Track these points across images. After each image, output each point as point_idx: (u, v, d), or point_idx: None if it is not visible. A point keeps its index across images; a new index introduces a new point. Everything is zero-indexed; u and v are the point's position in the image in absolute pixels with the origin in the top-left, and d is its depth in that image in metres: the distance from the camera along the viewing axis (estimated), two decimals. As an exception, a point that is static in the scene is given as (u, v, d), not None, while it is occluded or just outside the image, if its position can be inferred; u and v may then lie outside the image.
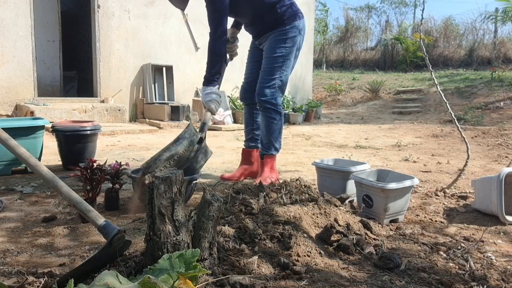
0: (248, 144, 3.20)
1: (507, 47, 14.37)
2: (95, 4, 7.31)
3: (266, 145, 2.99)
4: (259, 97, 2.90)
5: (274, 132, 2.95)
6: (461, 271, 1.59)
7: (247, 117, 3.20)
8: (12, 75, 6.59)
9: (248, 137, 3.20)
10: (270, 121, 2.93)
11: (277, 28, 2.88)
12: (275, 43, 2.88)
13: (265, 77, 2.90)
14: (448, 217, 2.36)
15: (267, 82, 2.88)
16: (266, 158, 2.98)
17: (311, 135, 6.62)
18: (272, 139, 2.96)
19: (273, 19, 2.87)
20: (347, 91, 13.12)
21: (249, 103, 3.12)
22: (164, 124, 7.01)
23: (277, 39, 2.88)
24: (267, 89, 2.87)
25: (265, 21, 2.89)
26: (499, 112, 9.10)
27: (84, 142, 3.37)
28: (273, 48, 2.89)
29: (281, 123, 2.97)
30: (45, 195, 2.62)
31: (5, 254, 1.69)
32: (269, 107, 2.90)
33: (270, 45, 2.91)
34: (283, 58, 2.88)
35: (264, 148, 3.01)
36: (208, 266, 1.40)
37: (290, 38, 2.89)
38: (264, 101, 2.89)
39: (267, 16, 2.87)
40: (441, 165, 4.08)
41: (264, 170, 2.96)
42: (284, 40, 2.88)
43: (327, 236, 1.71)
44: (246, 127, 3.22)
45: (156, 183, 1.33)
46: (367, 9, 18.67)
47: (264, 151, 3.00)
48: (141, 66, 7.89)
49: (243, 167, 3.15)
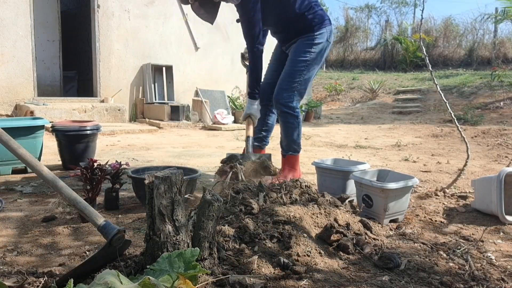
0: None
1: (507, 47, 14.37)
2: (95, 4, 7.31)
3: (286, 147, 2.99)
4: (277, 99, 2.86)
5: (292, 135, 2.93)
6: (461, 271, 1.59)
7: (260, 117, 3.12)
8: (12, 75, 6.58)
9: (255, 136, 3.15)
10: (287, 125, 2.90)
11: (306, 34, 2.84)
12: (302, 47, 2.83)
13: (285, 79, 2.86)
14: (448, 217, 2.36)
15: (286, 85, 2.83)
16: (288, 157, 2.99)
17: (311, 135, 6.62)
18: (290, 142, 2.95)
19: (302, 26, 2.83)
20: (347, 91, 13.12)
21: (266, 103, 3.07)
22: (164, 124, 7.01)
23: (304, 43, 2.83)
24: (285, 92, 2.83)
25: (294, 28, 2.86)
26: (499, 112, 9.10)
27: (84, 142, 3.37)
28: (298, 52, 2.84)
29: (298, 126, 2.94)
30: (45, 195, 2.62)
31: (5, 254, 1.69)
32: (286, 111, 2.85)
33: (296, 49, 2.87)
34: (306, 63, 2.83)
35: (284, 150, 3.01)
36: (208, 266, 1.40)
37: (317, 44, 2.84)
38: (281, 104, 2.84)
39: (297, 24, 2.83)
40: (441, 165, 4.08)
41: (285, 169, 2.96)
42: (311, 45, 2.83)
43: (327, 236, 1.71)
44: (257, 127, 3.15)
45: (156, 183, 1.33)
46: (367, 9, 18.67)
47: (285, 152, 3.01)
48: (141, 66, 7.89)
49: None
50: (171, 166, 2.20)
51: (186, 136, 6.10)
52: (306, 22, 2.81)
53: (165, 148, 4.87)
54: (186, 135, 6.17)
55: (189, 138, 5.87)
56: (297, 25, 2.84)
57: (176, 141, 5.52)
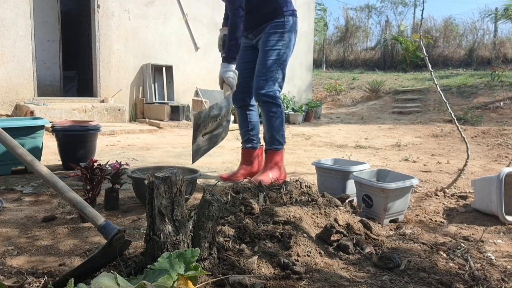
0: (245, 146, 3.17)
1: (507, 47, 14.37)
2: (95, 4, 7.31)
3: (269, 139, 2.95)
4: (257, 91, 2.84)
5: (275, 126, 2.89)
6: (461, 271, 1.59)
7: (241, 119, 3.15)
8: (12, 75, 6.59)
9: (244, 139, 3.16)
10: (270, 115, 2.87)
11: (275, 19, 2.82)
12: (273, 35, 2.83)
13: (261, 71, 2.84)
14: (448, 217, 2.36)
15: (264, 76, 2.81)
16: (270, 152, 2.94)
17: (311, 135, 6.62)
18: (274, 133, 2.91)
19: (272, 9, 2.82)
20: (347, 91, 13.12)
21: (241, 105, 3.07)
22: (164, 124, 7.01)
23: (275, 32, 2.82)
24: (265, 83, 2.82)
25: (264, 10, 2.83)
26: (499, 112, 9.10)
27: (84, 142, 3.37)
28: (270, 41, 2.83)
29: (282, 116, 2.91)
30: (45, 195, 2.62)
31: (4, 254, 1.69)
32: (268, 100, 2.84)
33: (267, 38, 2.85)
34: (280, 51, 2.83)
35: (267, 143, 2.96)
36: (208, 266, 1.40)
37: (287, 31, 2.84)
38: (262, 95, 2.83)
39: (266, 7, 2.82)
40: (441, 165, 4.08)
41: (266, 166, 2.93)
42: (282, 33, 2.83)
43: (327, 236, 1.71)
44: (241, 129, 3.17)
45: (156, 183, 1.33)
46: (367, 9, 18.67)
47: (267, 146, 2.96)
48: (141, 66, 7.89)
49: (243, 167, 3.14)
50: (171, 166, 2.20)
51: (186, 136, 6.10)
52: (276, 5, 2.80)
53: (165, 148, 4.87)
54: (186, 135, 6.17)
55: (189, 138, 5.86)
56: (266, 8, 2.82)
57: (176, 141, 5.52)
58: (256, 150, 3.13)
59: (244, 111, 3.10)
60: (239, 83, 2.91)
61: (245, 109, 3.09)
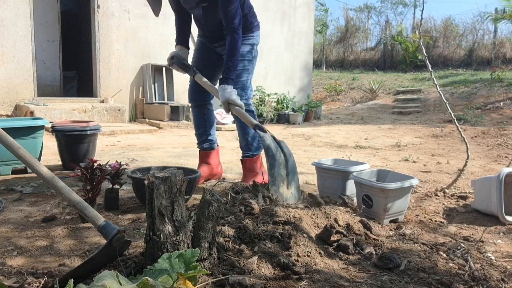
0: (202, 146, 3.06)
1: (506, 47, 14.37)
2: (95, 4, 7.31)
3: (245, 147, 2.90)
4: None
5: (249, 132, 2.85)
6: (461, 271, 1.59)
7: (198, 119, 3.05)
8: (12, 75, 6.58)
9: (201, 139, 3.06)
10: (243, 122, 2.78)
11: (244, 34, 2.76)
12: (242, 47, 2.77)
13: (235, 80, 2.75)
14: (448, 217, 2.36)
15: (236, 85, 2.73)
16: (246, 161, 2.90)
17: (311, 135, 6.62)
18: (249, 139, 2.87)
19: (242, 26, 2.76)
20: (347, 91, 13.12)
21: (199, 104, 3.00)
22: (164, 124, 7.01)
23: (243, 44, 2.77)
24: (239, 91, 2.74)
25: None
26: (499, 112, 9.10)
27: (84, 142, 3.37)
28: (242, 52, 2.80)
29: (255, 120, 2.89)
30: (45, 195, 2.62)
31: (4, 254, 1.69)
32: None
33: None
34: (249, 61, 2.85)
35: (244, 151, 2.92)
36: (208, 266, 1.40)
37: (253, 45, 2.87)
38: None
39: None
40: (440, 165, 4.08)
41: (246, 175, 2.88)
42: (251, 45, 2.85)
43: (327, 236, 1.71)
44: (198, 129, 3.06)
45: (156, 183, 1.33)
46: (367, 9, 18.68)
47: (244, 154, 2.91)
48: (141, 66, 7.89)
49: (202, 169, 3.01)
50: (171, 167, 2.20)
51: (186, 136, 6.10)
52: (246, 23, 2.78)
53: (165, 148, 4.87)
54: (186, 135, 6.17)
55: (189, 138, 5.86)
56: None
57: (176, 141, 5.52)
58: (214, 150, 3.07)
59: (202, 111, 3.03)
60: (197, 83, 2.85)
61: (203, 109, 3.02)
